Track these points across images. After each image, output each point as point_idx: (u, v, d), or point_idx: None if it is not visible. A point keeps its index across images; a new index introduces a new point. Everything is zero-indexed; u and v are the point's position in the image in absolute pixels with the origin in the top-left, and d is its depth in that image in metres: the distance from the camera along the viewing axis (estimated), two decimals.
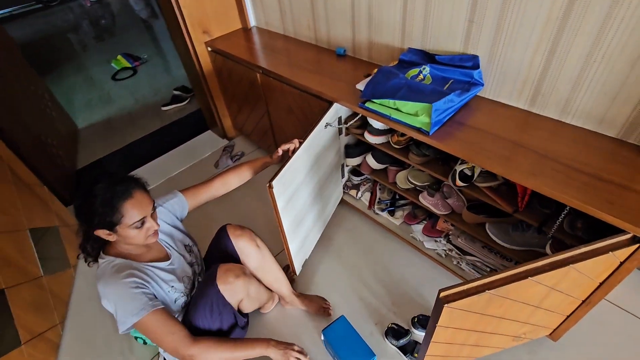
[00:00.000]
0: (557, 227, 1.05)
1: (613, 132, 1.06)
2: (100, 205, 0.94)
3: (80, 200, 0.97)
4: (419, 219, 1.62)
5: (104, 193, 0.94)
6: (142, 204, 1.00)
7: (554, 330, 1.21)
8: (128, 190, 0.97)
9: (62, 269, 1.72)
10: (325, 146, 1.45)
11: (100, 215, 0.94)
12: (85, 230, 1.03)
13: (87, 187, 0.96)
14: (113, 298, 0.99)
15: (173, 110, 3.02)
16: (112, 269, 1.02)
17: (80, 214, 0.98)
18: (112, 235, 0.99)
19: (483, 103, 1.27)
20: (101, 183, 0.95)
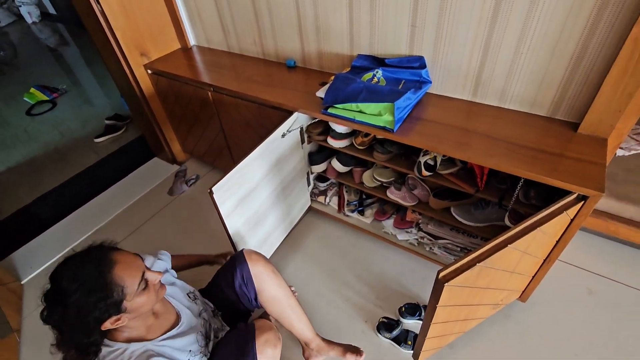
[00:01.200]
0: (514, 199, 1.19)
1: (544, 111, 1.24)
2: (92, 297, 0.76)
3: (60, 314, 0.77)
4: (389, 213, 1.70)
5: (84, 282, 0.77)
6: (130, 263, 0.85)
7: (523, 292, 1.35)
8: (104, 260, 0.81)
9: (3, 335, 1.47)
10: (285, 154, 1.47)
11: (99, 307, 0.77)
12: (80, 341, 0.81)
13: (56, 296, 0.77)
14: None
15: (108, 140, 2.78)
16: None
17: (72, 327, 0.79)
18: (122, 318, 0.82)
19: (433, 98, 1.39)
20: (67, 279, 0.77)
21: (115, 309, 0.80)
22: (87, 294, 0.76)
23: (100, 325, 0.80)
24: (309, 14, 1.52)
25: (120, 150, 2.66)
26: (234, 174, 1.19)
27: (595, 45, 1.04)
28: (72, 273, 0.78)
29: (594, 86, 1.10)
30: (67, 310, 0.77)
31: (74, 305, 0.76)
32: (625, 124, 1.10)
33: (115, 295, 0.79)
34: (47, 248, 1.95)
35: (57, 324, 0.80)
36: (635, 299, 1.42)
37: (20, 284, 1.78)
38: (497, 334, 1.35)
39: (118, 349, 0.86)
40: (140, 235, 1.96)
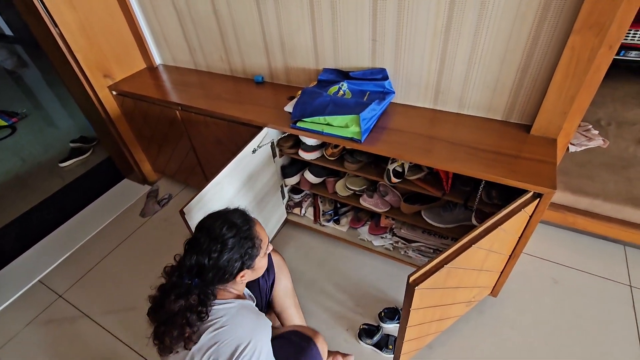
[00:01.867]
0: (478, 200, 1.25)
1: (499, 116, 1.32)
2: (244, 243, 0.89)
3: (218, 252, 0.87)
4: (363, 221, 1.73)
5: (240, 230, 0.90)
6: (261, 226, 0.99)
7: (493, 287, 1.41)
8: (248, 217, 0.96)
9: None
10: (258, 169, 1.48)
11: (247, 253, 0.90)
12: (210, 285, 0.89)
13: (215, 237, 0.87)
14: (261, 346, 0.87)
15: (74, 164, 2.69)
16: (254, 313, 0.94)
17: (218, 268, 0.87)
18: (246, 275, 0.94)
19: (397, 108, 1.45)
20: (222, 226, 0.89)
21: (251, 260, 0.92)
22: (243, 239, 0.90)
23: (239, 272, 0.91)
24: (273, 33, 1.55)
25: (88, 174, 2.57)
26: (206, 193, 1.19)
27: (538, 54, 1.13)
28: (229, 222, 0.90)
29: (541, 91, 1.18)
30: (223, 250, 0.87)
31: (231, 247, 0.87)
32: (571, 123, 1.19)
33: (256, 247, 0.92)
34: (13, 281, 1.85)
35: (207, 264, 0.86)
36: (596, 284, 1.52)
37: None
38: (473, 330, 1.41)
39: (235, 304, 0.91)
40: (112, 260, 1.90)
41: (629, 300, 1.45)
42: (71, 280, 1.82)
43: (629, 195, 1.61)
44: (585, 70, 1.04)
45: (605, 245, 1.66)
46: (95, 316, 1.64)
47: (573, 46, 1.03)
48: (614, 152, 1.86)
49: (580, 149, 1.89)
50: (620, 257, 1.61)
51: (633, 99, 2.33)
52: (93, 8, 1.74)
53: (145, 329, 1.55)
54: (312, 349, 1.08)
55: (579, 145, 1.90)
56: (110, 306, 1.66)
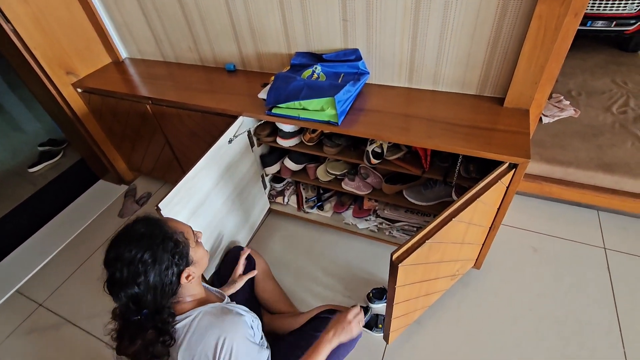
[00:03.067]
0: (457, 175, 1.26)
1: (473, 90, 1.33)
2: (167, 247, 0.79)
3: (144, 277, 0.76)
4: (347, 205, 1.73)
5: (153, 240, 0.79)
6: (173, 218, 0.92)
7: (476, 260, 1.44)
8: (153, 220, 0.84)
9: None
10: (236, 159, 1.45)
11: (175, 257, 0.80)
12: (160, 309, 0.80)
13: (131, 266, 0.76)
14: (236, 343, 0.81)
15: (45, 169, 2.57)
16: (217, 315, 0.85)
17: (155, 290, 0.78)
18: (191, 272, 0.84)
19: (373, 88, 1.44)
20: (134, 248, 0.77)
21: (184, 258, 0.83)
22: (161, 246, 0.78)
23: (179, 278, 0.82)
24: (241, 18, 1.50)
25: (60, 178, 2.47)
26: (181, 187, 1.16)
27: (507, 25, 1.13)
28: (135, 240, 0.78)
29: (512, 62, 1.19)
30: (147, 268, 0.76)
31: (153, 260, 0.77)
32: (542, 93, 1.21)
33: (180, 242, 0.82)
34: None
35: (141, 293, 0.77)
36: (573, 250, 1.57)
37: None
38: (459, 302, 1.44)
39: (195, 314, 0.85)
40: (92, 264, 1.84)
41: (603, 262, 1.52)
42: (51, 288, 1.76)
43: (600, 162, 1.66)
44: (553, 38, 1.05)
45: (580, 212, 1.72)
46: (79, 321, 1.60)
47: (540, 15, 1.03)
48: (584, 121, 1.92)
49: (553, 120, 1.93)
50: (594, 222, 1.67)
51: (601, 68, 2.40)
52: (47, 1, 1.64)
53: None
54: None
55: (551, 117, 1.94)
56: (94, 310, 1.62)
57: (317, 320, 1.22)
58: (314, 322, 1.22)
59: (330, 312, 1.21)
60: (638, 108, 1.98)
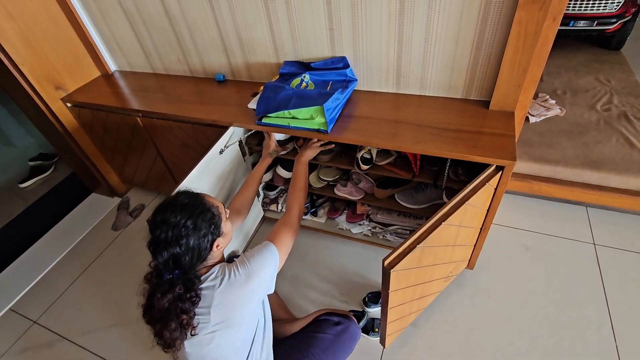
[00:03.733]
0: (446, 178, 1.28)
1: (459, 94, 1.35)
2: (203, 218, 0.91)
3: (185, 238, 0.87)
4: (340, 210, 1.75)
5: (193, 210, 0.91)
6: (208, 195, 1.01)
7: (469, 260, 1.46)
8: (192, 194, 0.96)
9: None
10: (228, 169, 1.46)
11: (211, 226, 0.92)
12: (190, 270, 0.91)
13: (174, 229, 0.87)
14: (259, 273, 0.96)
15: (36, 184, 2.55)
16: (235, 265, 0.96)
17: (192, 251, 0.89)
18: (220, 243, 0.96)
19: (361, 95, 1.46)
20: (175, 215, 0.88)
21: (218, 228, 0.94)
22: (201, 216, 0.90)
23: (212, 244, 0.93)
24: (229, 29, 1.52)
25: (52, 192, 2.45)
26: None
27: (489, 31, 1.16)
28: (179, 207, 0.90)
29: (495, 67, 1.22)
30: (187, 234, 0.87)
31: (193, 228, 0.88)
32: (526, 96, 1.23)
33: (216, 215, 0.94)
34: None
35: (180, 253, 0.87)
36: (563, 246, 1.60)
37: None
38: (454, 304, 1.46)
39: (212, 272, 0.94)
40: (87, 278, 1.83)
41: (593, 257, 1.54)
42: (45, 305, 1.74)
43: (587, 160, 1.70)
44: (533, 43, 1.08)
45: (569, 209, 1.75)
46: (74, 338, 1.59)
47: (520, 21, 1.06)
48: (570, 120, 1.96)
49: (540, 119, 1.97)
50: (583, 218, 1.71)
51: (584, 66, 2.45)
52: (34, 16, 1.64)
53: (128, 344, 1.52)
54: (353, 324, 1.21)
55: (538, 116, 1.98)
56: (89, 326, 1.61)
57: (316, 323, 1.23)
58: (312, 325, 1.23)
59: (329, 315, 1.22)
60: (621, 105, 2.02)
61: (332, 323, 1.19)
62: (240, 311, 0.94)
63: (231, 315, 0.92)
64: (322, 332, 1.17)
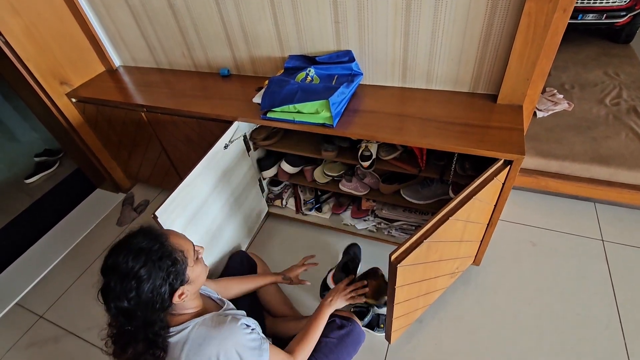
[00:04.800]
0: (452, 173, 1.27)
1: (466, 88, 1.33)
2: (164, 265, 0.78)
3: (135, 290, 0.75)
4: (345, 206, 1.74)
5: (151, 254, 0.78)
6: (177, 233, 0.89)
7: (475, 256, 1.45)
8: (156, 233, 0.83)
9: None
10: (232, 164, 1.45)
11: (171, 275, 0.79)
12: (151, 324, 0.80)
13: (125, 276, 0.75)
14: (237, 349, 0.84)
15: (41, 179, 2.57)
16: (211, 326, 0.86)
17: (146, 305, 0.77)
18: (185, 291, 0.83)
19: (366, 89, 1.45)
20: (131, 258, 0.76)
21: (182, 276, 0.81)
22: (158, 263, 0.77)
23: (172, 297, 0.81)
24: (234, 23, 1.50)
25: (57, 188, 2.46)
26: (177, 195, 1.16)
27: (498, 23, 1.14)
28: (134, 251, 0.77)
29: (504, 59, 1.20)
30: (141, 285, 0.75)
31: (147, 277, 0.76)
32: (534, 89, 1.21)
33: (180, 261, 0.81)
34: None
35: (131, 307, 0.76)
36: (571, 243, 1.58)
37: None
38: (460, 300, 1.45)
39: (192, 324, 0.86)
40: (92, 274, 1.83)
41: (601, 254, 1.52)
42: (51, 300, 1.75)
43: (595, 155, 1.67)
44: (543, 35, 1.06)
45: (577, 204, 1.73)
46: (80, 332, 1.60)
47: (529, 12, 1.04)
48: (578, 114, 1.93)
49: (547, 114, 1.94)
50: (591, 214, 1.68)
51: (593, 60, 2.41)
52: (39, 12, 1.64)
53: None
54: (357, 327, 1.20)
55: (546, 111, 1.95)
56: (94, 320, 1.61)
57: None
58: None
59: (332, 316, 1.22)
60: (631, 99, 1.99)
61: (335, 326, 1.18)
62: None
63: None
64: (325, 335, 1.15)
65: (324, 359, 1.13)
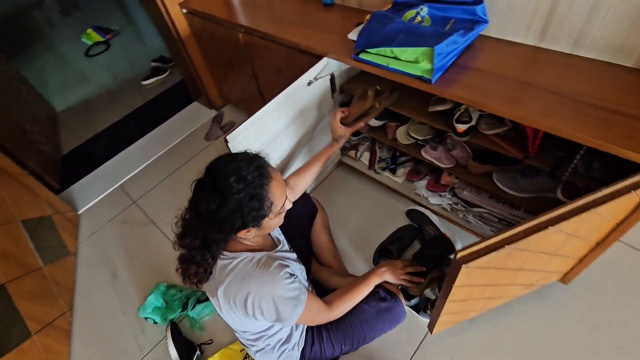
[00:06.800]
0: (571, 170, 0.99)
1: (631, 61, 0.97)
2: (248, 202, 0.78)
3: (217, 204, 0.78)
4: (422, 174, 1.56)
5: (250, 186, 0.78)
6: (282, 183, 0.87)
7: (566, 274, 1.19)
8: (266, 171, 0.82)
9: (62, 257, 1.68)
10: (313, 103, 1.37)
11: (252, 213, 0.80)
12: (212, 235, 0.84)
13: (220, 188, 0.78)
14: (273, 298, 0.85)
15: (154, 83, 2.85)
16: (257, 267, 0.87)
17: (216, 220, 0.80)
18: (252, 231, 0.85)
19: (488, 42, 1.17)
20: (235, 177, 0.78)
21: (257, 221, 0.82)
22: (250, 198, 0.79)
23: (239, 230, 0.82)
24: None
25: (164, 94, 2.72)
26: (251, 124, 1.14)
27: None
28: (238, 174, 0.79)
29: None
30: (226, 203, 0.78)
31: (235, 202, 0.78)
32: None
33: (265, 208, 0.81)
34: (102, 182, 2.13)
35: (206, 214, 0.80)
36: None
37: (77, 213, 1.98)
38: (529, 313, 1.24)
39: (241, 258, 0.88)
40: (175, 179, 2.04)
41: None
42: (144, 190, 2.02)
43: None
44: None
45: None
46: (160, 225, 1.83)
47: None
48: None
49: None
50: None
51: None
52: None
53: None
54: (400, 306, 1.14)
55: None
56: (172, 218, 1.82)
57: None
58: None
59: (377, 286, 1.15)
60: None
61: (378, 297, 1.12)
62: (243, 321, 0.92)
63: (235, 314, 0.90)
64: (366, 303, 1.11)
65: (357, 325, 1.10)
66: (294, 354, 1.08)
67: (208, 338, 1.39)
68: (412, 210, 1.51)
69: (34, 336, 1.31)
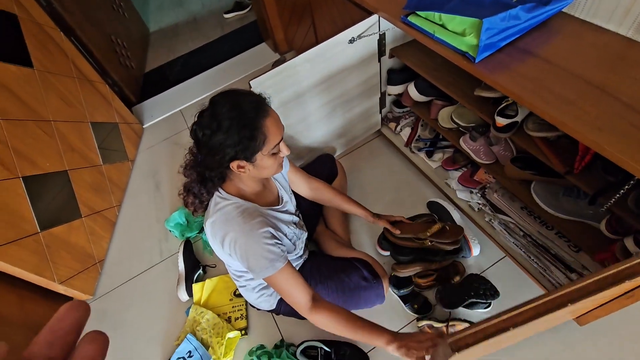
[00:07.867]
0: (615, 200, 0.81)
1: None
2: (240, 130, 0.79)
3: (210, 132, 0.80)
4: (459, 165, 1.41)
5: (242, 115, 0.79)
6: (278, 122, 0.86)
7: (581, 316, 1.03)
8: (263, 107, 0.83)
9: (120, 160, 1.94)
10: (353, 63, 1.28)
11: (242, 142, 0.80)
12: (207, 167, 0.87)
13: (215, 116, 0.80)
14: (246, 248, 0.87)
15: (234, 18, 2.92)
16: (241, 214, 0.89)
17: (211, 150, 0.81)
18: (246, 168, 0.85)
19: (569, 23, 0.94)
20: (229, 106, 0.80)
21: (250, 153, 0.82)
22: (241, 126, 0.79)
23: (232, 160, 0.83)
24: None
25: (240, 30, 2.78)
26: (277, 73, 1.12)
27: None
28: (235, 104, 0.81)
29: None
30: (218, 130, 0.79)
31: (225, 129, 0.79)
32: None
33: (257, 141, 0.81)
34: (167, 104, 2.34)
35: (201, 140, 0.83)
36: None
37: (142, 127, 2.24)
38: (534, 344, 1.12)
39: (232, 202, 0.91)
40: None
41: None
42: None
43: None
44: None
45: None
46: None
47: None
48: None
49: None
50: None
51: None
52: None
53: None
54: (378, 289, 1.13)
55: None
56: None
57: (352, 262, 1.17)
58: (345, 262, 1.19)
59: (364, 264, 1.13)
60: None
61: (360, 275, 1.12)
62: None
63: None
64: (347, 275, 1.12)
65: (334, 291, 1.12)
66: (271, 300, 1.15)
67: (213, 262, 1.54)
68: (435, 202, 1.40)
69: (83, 218, 1.58)
